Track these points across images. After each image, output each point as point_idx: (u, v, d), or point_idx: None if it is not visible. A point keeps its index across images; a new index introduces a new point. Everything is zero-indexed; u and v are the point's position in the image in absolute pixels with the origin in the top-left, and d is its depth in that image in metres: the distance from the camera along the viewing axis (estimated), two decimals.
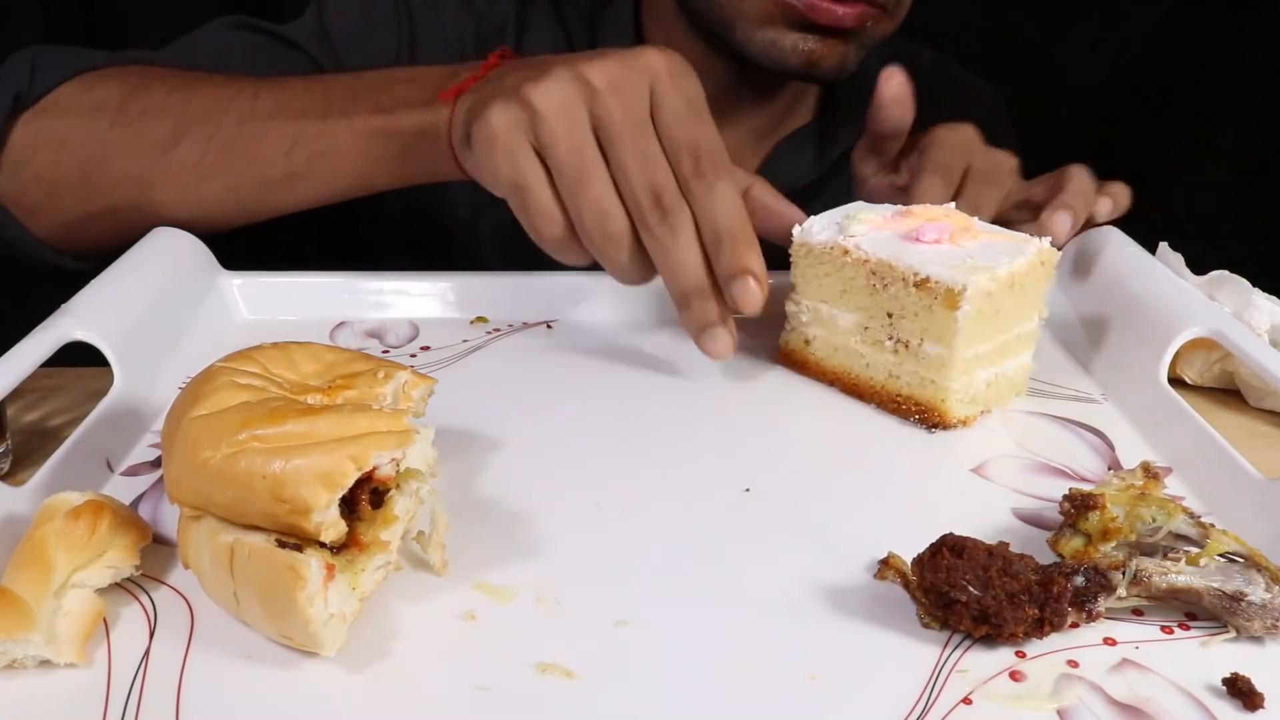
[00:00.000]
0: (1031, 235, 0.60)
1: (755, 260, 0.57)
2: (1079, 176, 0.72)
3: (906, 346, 0.58)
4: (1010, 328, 0.58)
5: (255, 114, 0.67)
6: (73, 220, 0.70)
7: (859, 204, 0.64)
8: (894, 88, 0.71)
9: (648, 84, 0.56)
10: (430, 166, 0.65)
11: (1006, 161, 0.74)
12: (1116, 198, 0.72)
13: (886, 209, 0.62)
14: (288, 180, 0.67)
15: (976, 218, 0.62)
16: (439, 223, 0.90)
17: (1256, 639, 0.43)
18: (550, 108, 0.55)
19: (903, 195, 0.73)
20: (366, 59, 0.82)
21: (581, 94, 0.55)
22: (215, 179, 0.68)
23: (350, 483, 0.40)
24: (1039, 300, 0.59)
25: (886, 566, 0.45)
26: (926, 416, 0.58)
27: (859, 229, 0.59)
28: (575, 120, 0.55)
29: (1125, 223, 0.79)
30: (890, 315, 0.58)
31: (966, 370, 0.57)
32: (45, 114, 0.69)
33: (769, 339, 0.67)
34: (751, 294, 0.57)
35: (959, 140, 0.74)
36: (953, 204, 0.63)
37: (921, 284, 0.55)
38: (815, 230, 0.60)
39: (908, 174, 0.74)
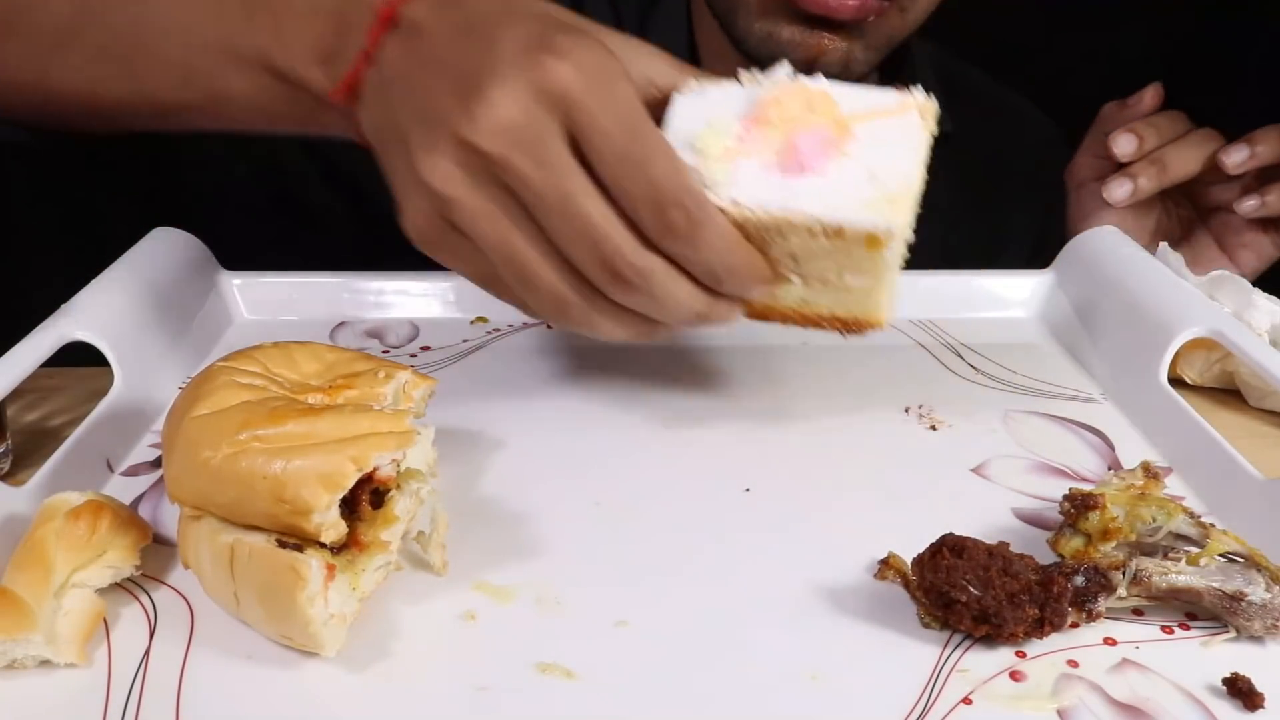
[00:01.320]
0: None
1: (761, 269, 0.49)
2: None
3: (822, 281, 0.49)
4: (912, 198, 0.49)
5: (149, 21, 0.58)
6: None
7: (693, 114, 0.49)
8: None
9: (559, 117, 0.44)
10: (344, 134, 0.55)
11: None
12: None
13: (732, 120, 0.49)
14: (187, 112, 0.60)
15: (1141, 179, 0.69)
16: None
17: (1257, 639, 0.43)
18: (453, 193, 0.45)
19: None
20: None
21: (478, 169, 0.45)
22: (109, 92, 0.60)
23: (351, 483, 0.40)
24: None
25: (886, 566, 0.45)
26: (855, 327, 0.52)
27: (721, 169, 0.47)
28: (483, 208, 0.46)
29: (1068, 194, 0.81)
30: (794, 258, 0.48)
31: (894, 282, 0.50)
32: None
33: (769, 339, 0.67)
34: (763, 293, 0.50)
35: (1179, 116, 0.76)
36: (829, 91, 0.50)
37: (834, 233, 0.47)
38: None
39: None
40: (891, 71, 0.85)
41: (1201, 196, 0.80)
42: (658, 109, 0.50)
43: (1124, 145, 0.76)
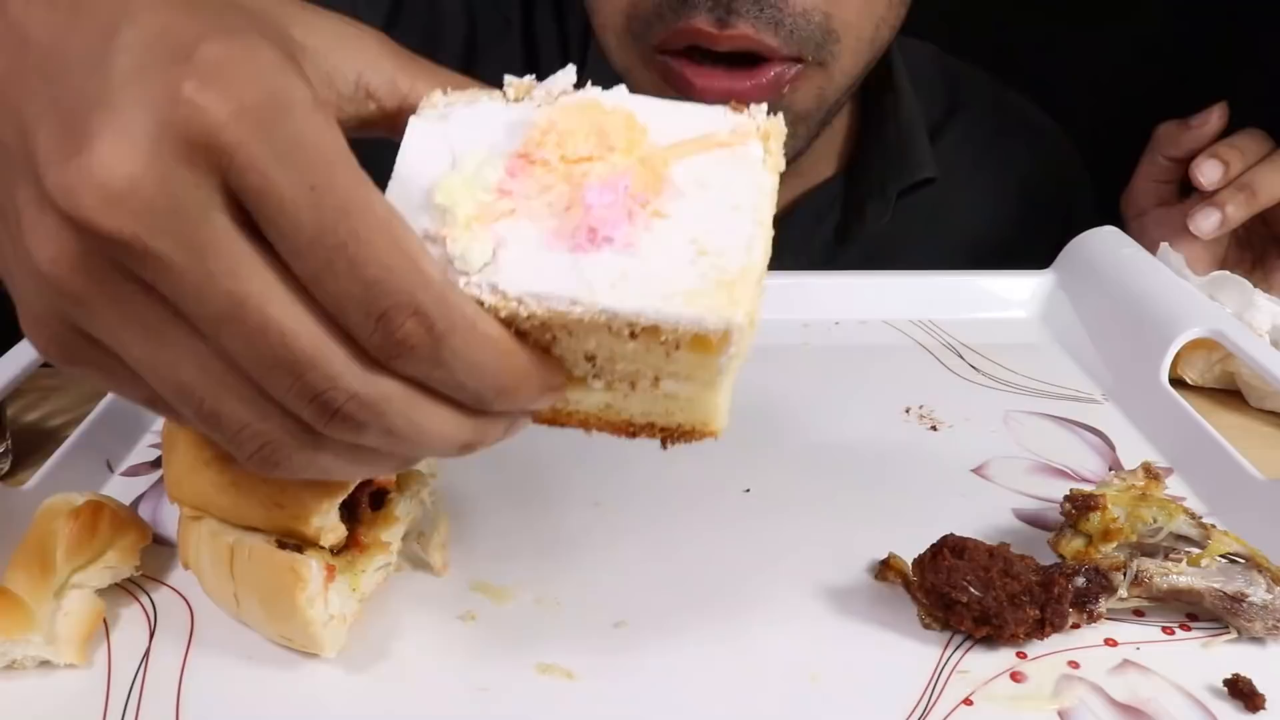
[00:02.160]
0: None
1: (554, 376, 0.34)
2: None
3: (632, 386, 0.35)
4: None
5: None
6: None
7: (434, 149, 0.34)
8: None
9: (212, 176, 0.28)
10: None
11: None
12: None
13: (491, 158, 0.33)
14: None
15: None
16: None
17: (1257, 640, 0.43)
18: (72, 287, 0.29)
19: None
20: None
21: (100, 254, 0.28)
22: None
23: (350, 488, 0.40)
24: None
25: (887, 567, 0.45)
26: (681, 435, 0.39)
27: (477, 242, 0.32)
28: (120, 312, 0.30)
29: (1123, 219, 0.79)
30: (592, 359, 0.34)
31: (729, 385, 0.37)
32: None
33: (769, 340, 0.67)
34: (551, 401, 0.35)
35: (1258, 134, 0.71)
36: (633, 112, 0.34)
37: (647, 333, 0.32)
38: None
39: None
40: (876, 87, 0.82)
41: (1277, 220, 0.73)
42: (384, 124, 0.36)
43: (1210, 173, 0.70)
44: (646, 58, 0.66)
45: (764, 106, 0.35)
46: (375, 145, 0.34)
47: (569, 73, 0.35)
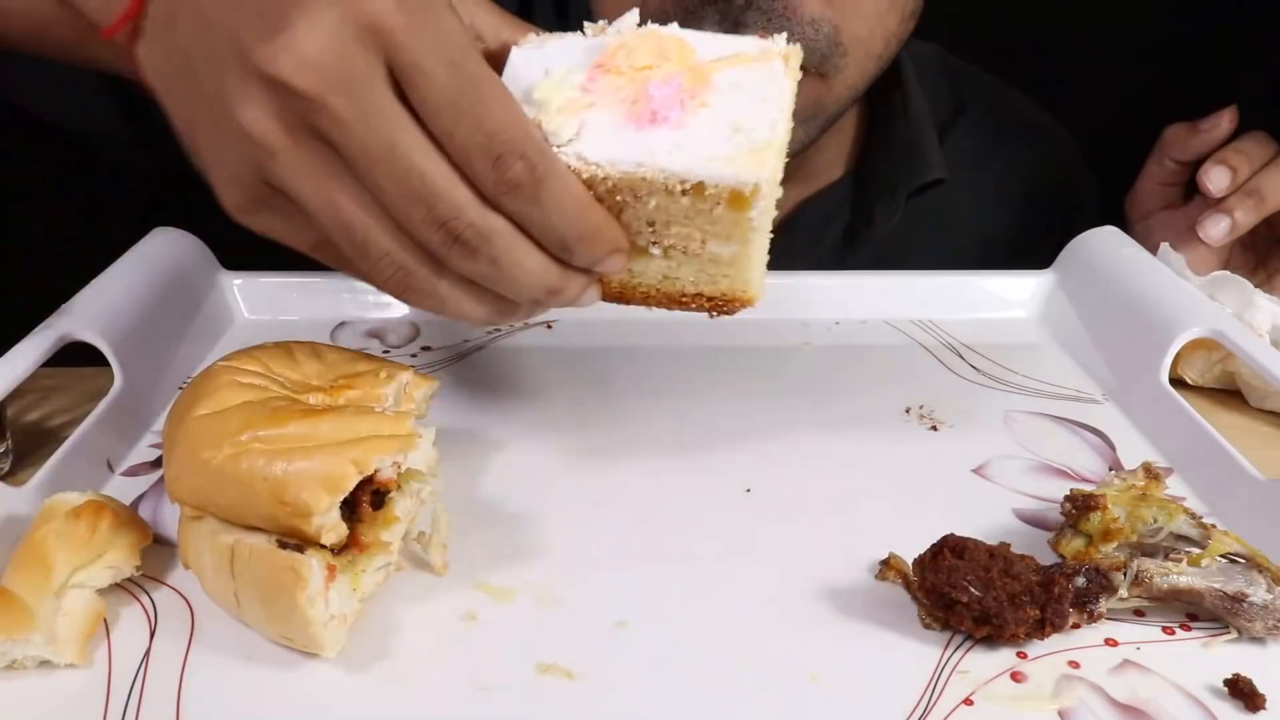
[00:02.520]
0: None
1: (615, 234, 0.42)
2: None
3: (684, 251, 0.44)
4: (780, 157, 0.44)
5: None
6: None
7: (543, 58, 0.44)
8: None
9: (378, 52, 0.38)
10: (118, 70, 0.48)
11: None
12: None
13: (575, 69, 0.43)
14: None
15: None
16: None
17: (1258, 640, 0.43)
18: (274, 143, 0.39)
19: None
20: None
21: (294, 116, 0.38)
22: None
23: (352, 486, 0.40)
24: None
25: (887, 567, 0.45)
26: (725, 306, 0.47)
27: (565, 123, 0.42)
28: (306, 162, 0.39)
29: (1126, 224, 0.79)
30: (653, 224, 0.43)
31: (764, 243, 0.45)
32: None
33: (769, 340, 0.67)
34: (620, 264, 0.44)
35: (1264, 138, 0.71)
36: (683, 37, 0.44)
37: (694, 190, 0.41)
38: None
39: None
40: (884, 88, 0.81)
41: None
42: (491, 59, 0.43)
43: (1218, 180, 0.70)
44: None
45: (784, 35, 0.44)
46: None
47: (634, 14, 0.45)
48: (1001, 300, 0.72)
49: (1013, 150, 0.89)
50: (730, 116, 0.42)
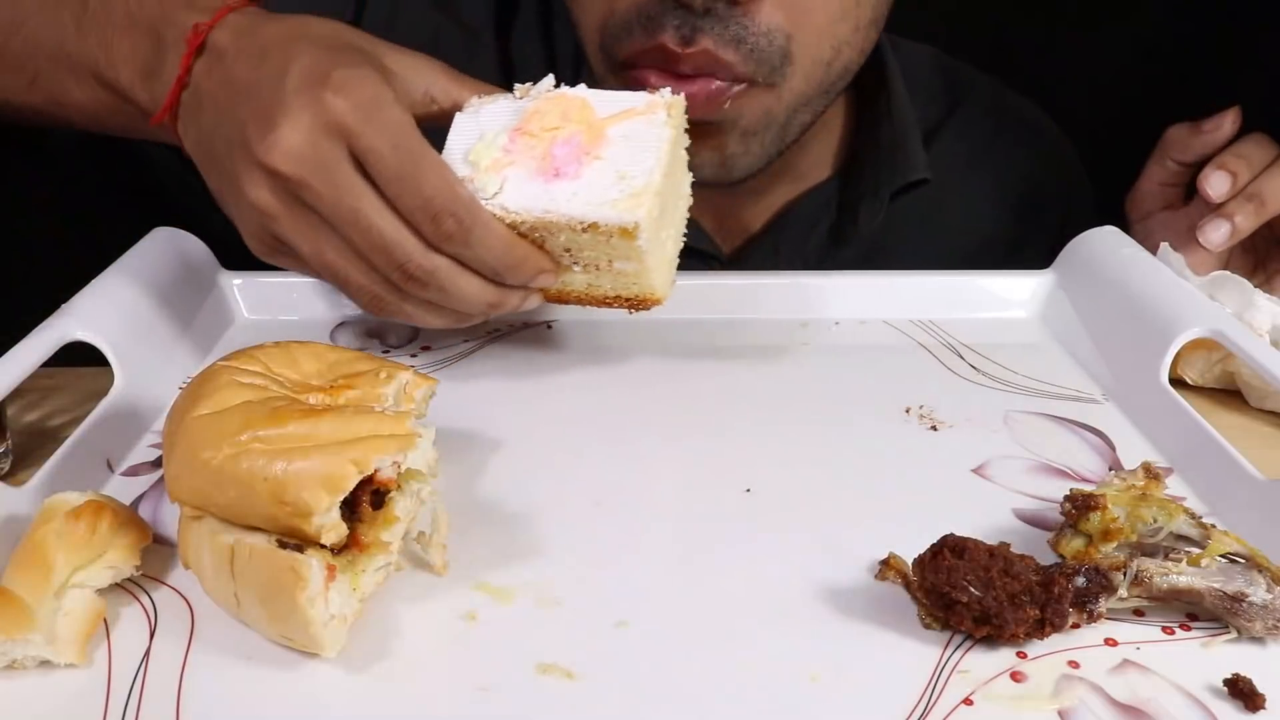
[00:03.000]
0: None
1: (539, 260, 0.54)
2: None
3: (598, 268, 0.56)
4: (677, 190, 0.58)
5: (4, 27, 0.63)
6: None
7: (469, 130, 0.56)
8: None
9: (341, 143, 0.51)
10: (169, 141, 0.60)
11: None
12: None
13: (500, 133, 0.55)
14: (35, 114, 0.66)
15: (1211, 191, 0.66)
16: None
17: (1258, 640, 0.43)
18: (272, 212, 0.52)
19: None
20: None
21: (284, 192, 0.52)
22: None
23: (352, 486, 0.40)
24: (682, 142, 0.57)
25: (887, 567, 0.45)
26: (640, 305, 0.58)
27: (491, 180, 0.53)
28: (296, 225, 0.53)
29: (1126, 224, 0.79)
30: (569, 250, 0.55)
31: (661, 258, 0.56)
32: None
33: (769, 340, 0.67)
34: (549, 281, 0.56)
35: (1264, 140, 0.71)
36: (586, 99, 0.56)
37: (590, 228, 0.52)
38: None
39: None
40: (871, 90, 0.81)
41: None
42: (443, 118, 0.56)
43: (1218, 185, 0.70)
44: (616, 69, 0.68)
45: (667, 89, 0.55)
46: (433, 132, 0.54)
47: (549, 79, 0.57)
48: (1001, 300, 0.72)
49: (1008, 150, 0.89)
50: (617, 167, 0.53)
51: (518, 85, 0.57)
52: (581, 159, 0.53)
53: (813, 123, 0.73)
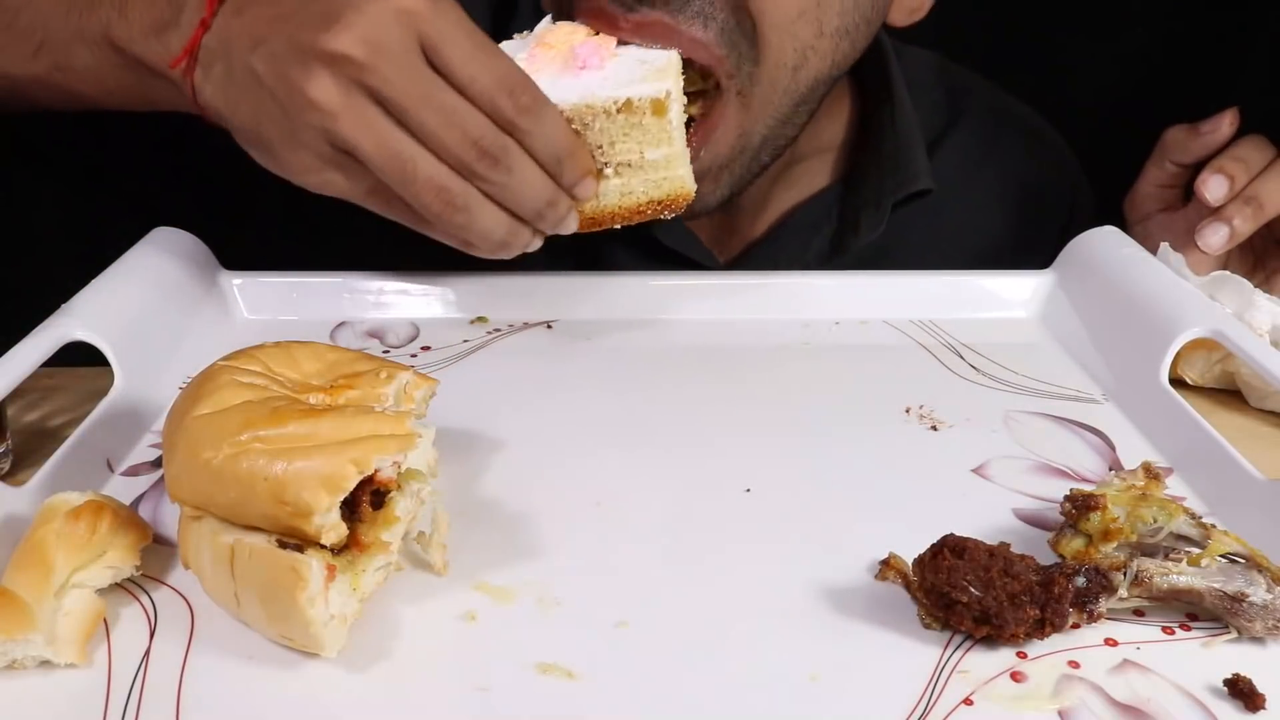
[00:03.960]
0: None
1: (591, 160, 0.58)
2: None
3: (629, 165, 0.59)
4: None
5: (4, 8, 0.64)
6: None
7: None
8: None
9: (410, 30, 0.52)
10: (180, 107, 0.61)
11: None
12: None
13: (517, 52, 0.59)
14: (34, 84, 0.66)
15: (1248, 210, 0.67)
16: None
17: (1258, 640, 0.43)
18: (337, 106, 0.52)
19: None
20: None
21: (350, 81, 0.52)
22: None
23: (352, 486, 0.40)
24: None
25: (887, 567, 0.45)
26: (672, 205, 0.61)
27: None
28: (363, 116, 0.52)
29: (1124, 226, 0.79)
30: (601, 147, 0.58)
31: (684, 149, 0.60)
32: None
33: (769, 340, 0.67)
34: (592, 188, 0.58)
35: (1262, 143, 0.70)
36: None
37: (625, 107, 0.57)
38: None
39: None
40: (874, 99, 0.81)
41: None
42: None
43: (1215, 189, 0.69)
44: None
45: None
46: None
47: (548, 18, 0.63)
48: (1001, 300, 0.72)
49: (1008, 157, 0.88)
50: (636, 56, 0.59)
51: (516, 35, 0.62)
52: (602, 53, 0.59)
53: (786, 147, 0.73)
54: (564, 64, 0.59)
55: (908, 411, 0.60)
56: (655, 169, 0.59)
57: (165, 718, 0.39)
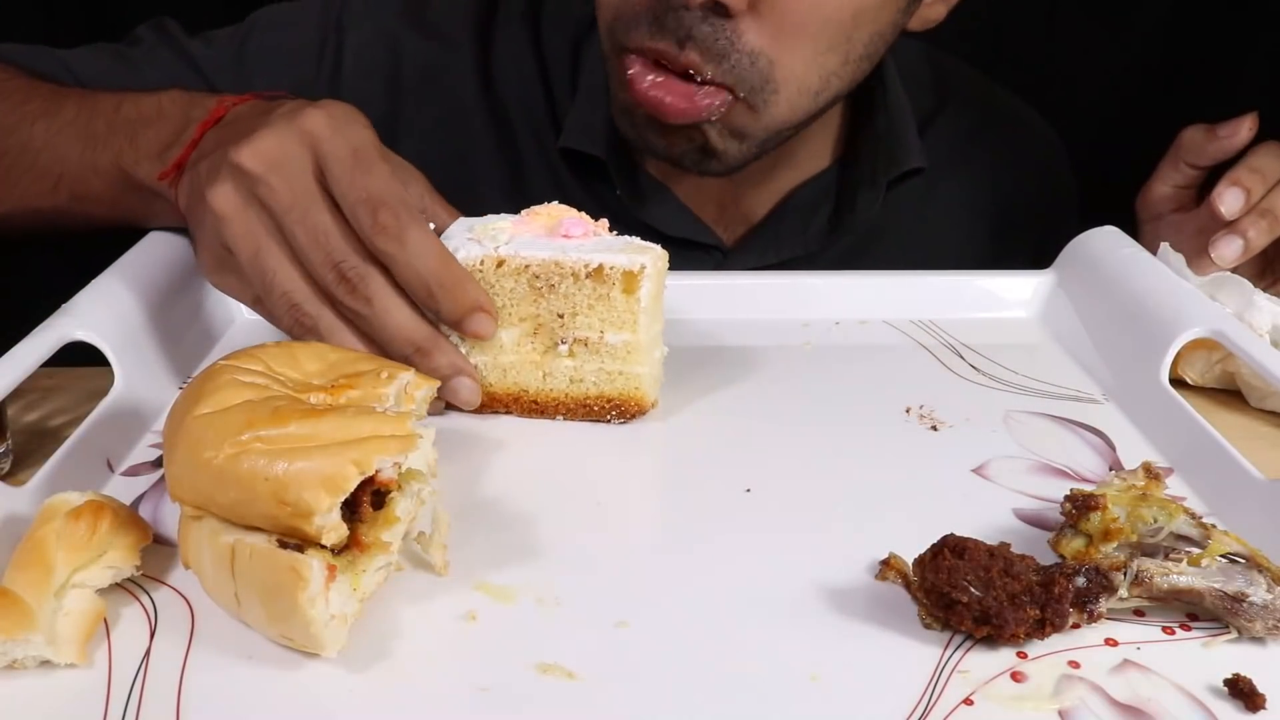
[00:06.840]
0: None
1: (478, 293, 0.54)
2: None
3: (586, 344, 0.56)
4: (657, 320, 0.58)
5: (32, 143, 0.69)
6: None
7: (477, 219, 0.59)
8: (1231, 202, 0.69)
9: (308, 149, 0.54)
10: (175, 221, 0.65)
11: None
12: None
13: (503, 218, 0.58)
14: (55, 214, 0.70)
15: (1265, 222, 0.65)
16: None
17: (1258, 640, 0.43)
18: (225, 211, 0.54)
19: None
20: (273, 83, 0.75)
21: (244, 189, 0.54)
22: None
23: (352, 486, 0.40)
24: (663, 289, 0.58)
25: (887, 567, 0.45)
26: (622, 409, 0.57)
27: (500, 237, 0.56)
28: (245, 224, 0.54)
29: (1127, 223, 0.79)
30: (562, 316, 0.56)
31: (650, 349, 0.57)
32: None
33: (769, 340, 0.67)
34: (487, 326, 0.55)
35: (1276, 147, 0.70)
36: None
37: (595, 273, 0.54)
38: (453, 251, 0.55)
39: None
40: (866, 82, 0.80)
41: None
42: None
43: (1231, 203, 0.68)
44: (616, 52, 0.70)
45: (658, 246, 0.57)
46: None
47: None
48: (1001, 300, 0.72)
49: (995, 143, 0.90)
50: (624, 239, 0.56)
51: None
52: (588, 229, 0.57)
53: (791, 138, 0.75)
54: (549, 230, 0.56)
55: (908, 411, 0.60)
56: (613, 357, 0.56)
57: (165, 718, 0.39)
